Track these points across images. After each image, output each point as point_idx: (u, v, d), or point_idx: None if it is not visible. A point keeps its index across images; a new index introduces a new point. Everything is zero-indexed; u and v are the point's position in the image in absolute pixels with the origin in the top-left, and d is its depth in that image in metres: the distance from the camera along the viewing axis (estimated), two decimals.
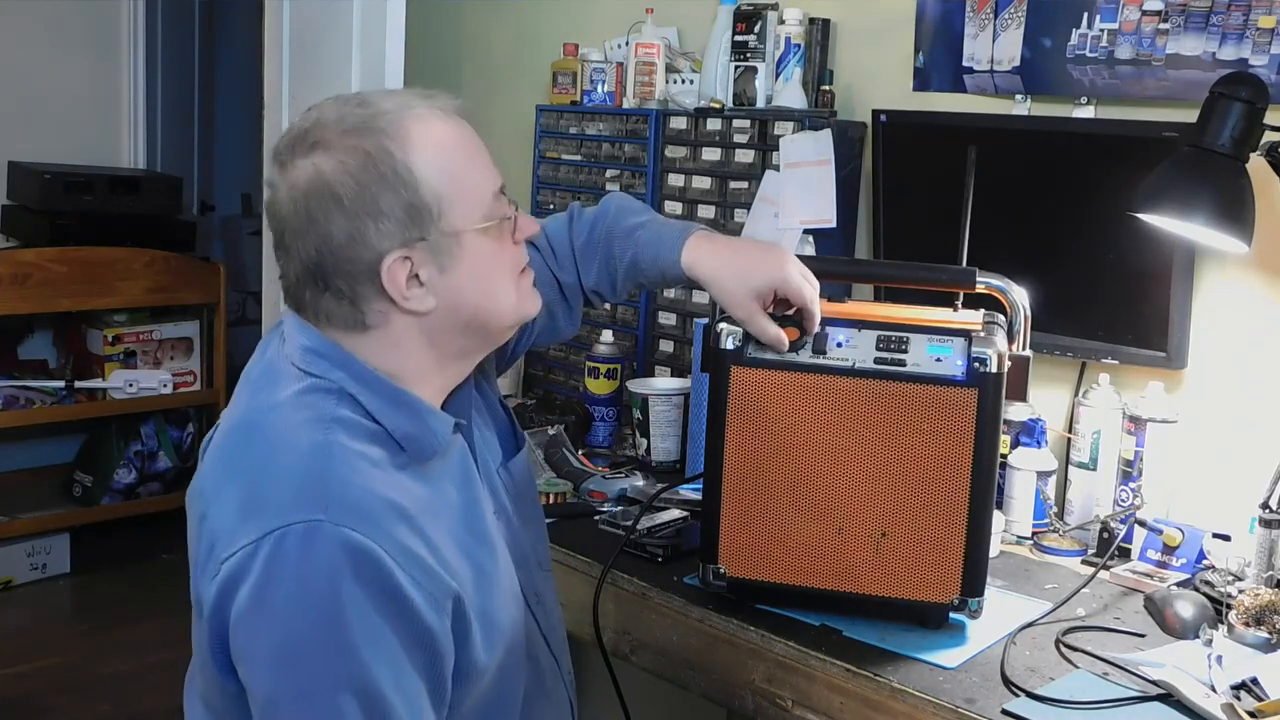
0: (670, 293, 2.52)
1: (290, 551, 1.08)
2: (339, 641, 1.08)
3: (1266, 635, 1.53)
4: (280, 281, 1.25)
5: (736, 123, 2.39)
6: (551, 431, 2.21)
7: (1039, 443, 1.97)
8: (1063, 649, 1.56)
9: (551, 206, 2.73)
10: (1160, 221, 1.70)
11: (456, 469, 1.28)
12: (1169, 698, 1.41)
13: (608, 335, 2.48)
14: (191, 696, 1.28)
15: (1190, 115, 1.69)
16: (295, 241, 1.19)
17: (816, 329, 1.53)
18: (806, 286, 1.50)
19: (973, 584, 1.52)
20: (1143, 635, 1.61)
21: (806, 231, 2.26)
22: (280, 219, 1.20)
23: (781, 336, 1.51)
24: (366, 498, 1.12)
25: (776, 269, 1.48)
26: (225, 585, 1.10)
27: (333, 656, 1.08)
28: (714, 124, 2.43)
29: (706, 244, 1.49)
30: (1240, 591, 1.62)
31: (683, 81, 2.54)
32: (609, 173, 2.62)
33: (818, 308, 1.52)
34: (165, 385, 4.12)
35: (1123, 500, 1.92)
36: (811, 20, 2.36)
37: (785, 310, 1.52)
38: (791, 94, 2.32)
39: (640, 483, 2.11)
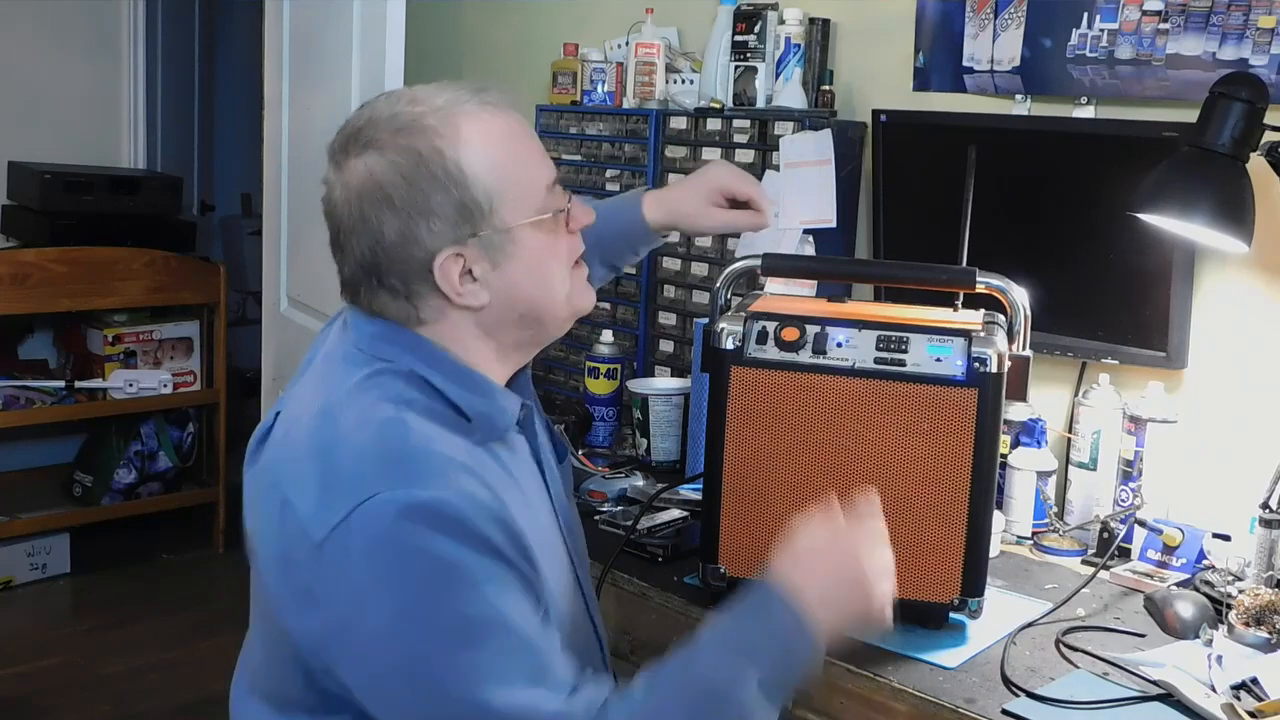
0: (670, 292, 2.52)
1: (379, 520, 1.09)
2: (447, 592, 1.09)
3: (1266, 635, 1.53)
4: (337, 276, 1.27)
5: (736, 123, 2.39)
6: None
7: (1039, 443, 1.97)
8: (1063, 649, 1.56)
9: None
10: (1160, 221, 1.70)
11: (523, 464, 1.29)
12: (1169, 698, 1.41)
13: (608, 335, 2.48)
14: (248, 697, 1.27)
15: (1190, 115, 1.69)
16: (349, 240, 1.21)
17: (770, 212, 1.68)
18: (745, 180, 1.67)
19: (973, 584, 1.52)
20: (1143, 635, 1.61)
21: (806, 231, 2.26)
22: (335, 218, 1.23)
23: (748, 218, 1.67)
24: (445, 463, 1.13)
25: (712, 176, 1.67)
26: (317, 567, 1.10)
27: (447, 607, 1.09)
28: (714, 124, 2.43)
29: (658, 194, 1.69)
30: (1240, 591, 1.62)
31: (683, 81, 2.54)
32: (609, 173, 2.62)
33: (762, 196, 1.65)
34: (165, 385, 4.11)
35: (1123, 500, 1.92)
36: (811, 20, 2.36)
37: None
38: (791, 94, 2.32)
39: (640, 483, 2.11)
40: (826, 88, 2.34)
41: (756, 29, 2.38)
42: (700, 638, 1.18)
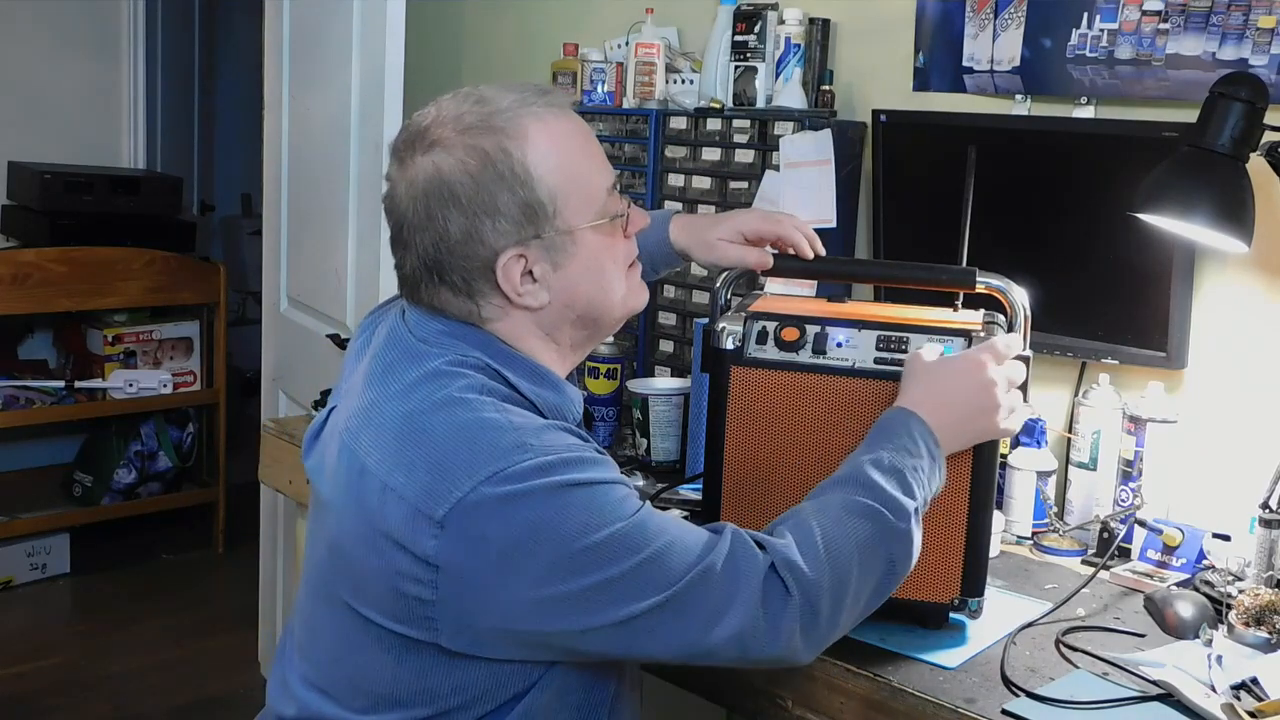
0: (670, 292, 2.52)
1: (513, 484, 1.13)
2: (598, 520, 1.14)
3: (1266, 635, 1.53)
4: (396, 273, 1.29)
5: (736, 123, 2.39)
6: None
7: (1039, 443, 1.97)
8: (1063, 649, 1.56)
9: None
10: (1160, 221, 1.70)
11: None
12: (1169, 698, 1.41)
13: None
14: (305, 689, 1.29)
15: (1190, 115, 1.69)
16: (413, 237, 1.23)
17: (814, 247, 1.64)
18: (774, 221, 1.64)
19: (973, 584, 1.52)
20: (1143, 635, 1.61)
21: None
22: (399, 214, 1.24)
23: (756, 255, 1.64)
24: (546, 428, 1.19)
25: (738, 220, 1.66)
26: (442, 546, 1.14)
27: (597, 526, 1.14)
28: (714, 124, 2.43)
29: (684, 219, 1.70)
30: (1240, 591, 1.62)
31: (683, 81, 2.54)
32: None
33: (793, 232, 1.63)
34: (165, 385, 4.12)
35: (1123, 500, 1.92)
36: (811, 20, 2.36)
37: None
38: (791, 94, 2.32)
39: (640, 483, 2.10)
40: (826, 88, 2.34)
41: (756, 29, 2.38)
42: (855, 472, 1.29)
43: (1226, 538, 1.76)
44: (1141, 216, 1.71)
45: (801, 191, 2.25)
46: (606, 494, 1.17)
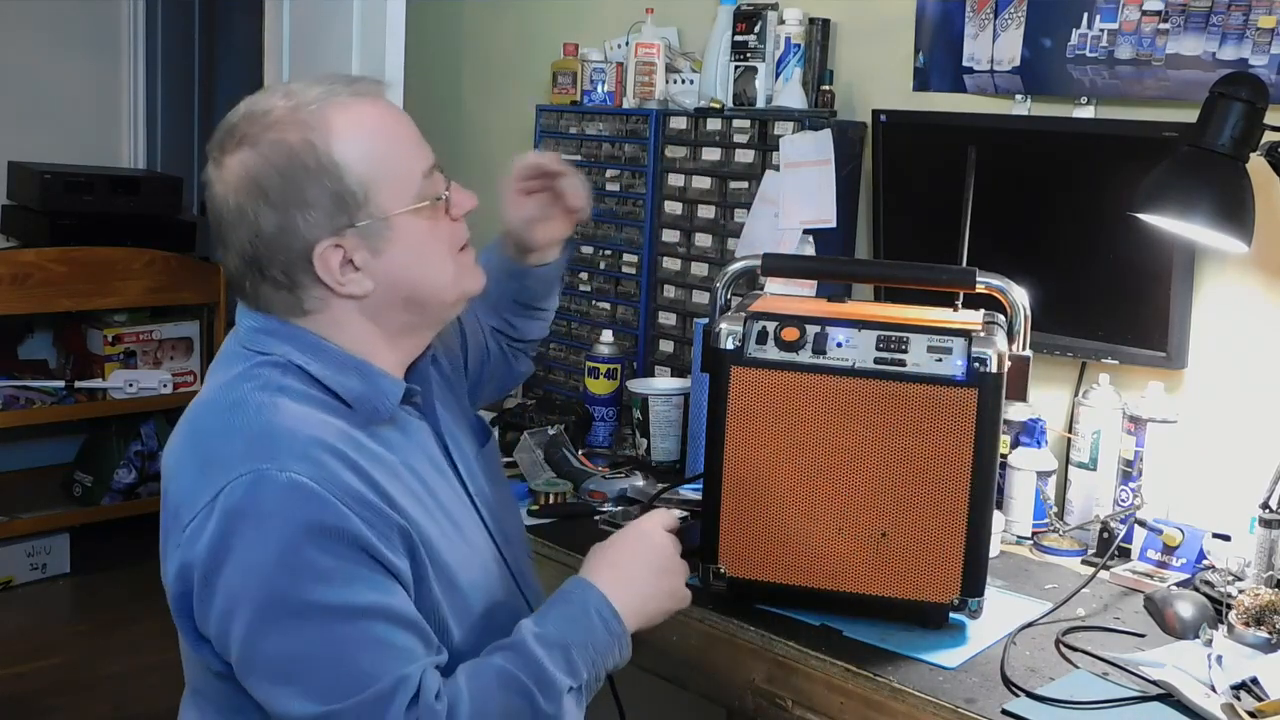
0: (670, 292, 2.52)
1: (241, 500, 1.13)
2: (302, 573, 1.12)
3: (1266, 635, 1.53)
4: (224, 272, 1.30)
5: (736, 123, 2.39)
6: (551, 431, 2.21)
7: (1039, 443, 1.97)
8: (1063, 649, 1.56)
9: None
10: (1160, 221, 1.70)
11: (422, 449, 1.31)
12: (1169, 698, 1.41)
13: (608, 335, 2.48)
14: (185, 698, 1.34)
15: (1190, 115, 1.69)
16: (230, 234, 1.24)
17: (578, 191, 1.55)
18: (539, 155, 1.57)
19: (973, 584, 1.52)
20: (1143, 635, 1.61)
21: (806, 231, 2.26)
22: (216, 214, 1.25)
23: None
24: (310, 444, 1.16)
25: (513, 168, 1.57)
26: (187, 546, 1.16)
27: (300, 588, 1.12)
28: (714, 124, 2.43)
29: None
30: (1240, 591, 1.62)
31: (683, 81, 2.54)
32: (609, 173, 2.62)
33: (561, 165, 1.55)
34: (165, 385, 4.11)
35: (1123, 500, 1.92)
36: (811, 20, 2.36)
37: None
38: (791, 94, 2.32)
39: (640, 483, 2.10)
40: (826, 88, 2.34)
41: (756, 29, 2.38)
42: (520, 642, 1.22)
43: (1226, 538, 1.77)
44: (1141, 216, 1.71)
45: (801, 191, 2.25)
46: (314, 554, 1.13)
